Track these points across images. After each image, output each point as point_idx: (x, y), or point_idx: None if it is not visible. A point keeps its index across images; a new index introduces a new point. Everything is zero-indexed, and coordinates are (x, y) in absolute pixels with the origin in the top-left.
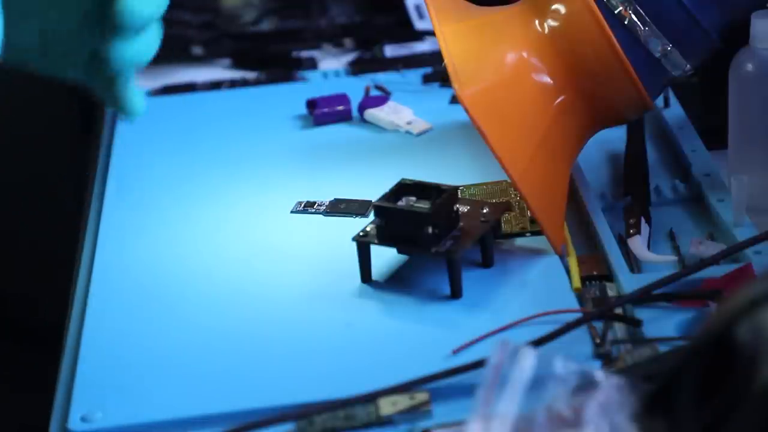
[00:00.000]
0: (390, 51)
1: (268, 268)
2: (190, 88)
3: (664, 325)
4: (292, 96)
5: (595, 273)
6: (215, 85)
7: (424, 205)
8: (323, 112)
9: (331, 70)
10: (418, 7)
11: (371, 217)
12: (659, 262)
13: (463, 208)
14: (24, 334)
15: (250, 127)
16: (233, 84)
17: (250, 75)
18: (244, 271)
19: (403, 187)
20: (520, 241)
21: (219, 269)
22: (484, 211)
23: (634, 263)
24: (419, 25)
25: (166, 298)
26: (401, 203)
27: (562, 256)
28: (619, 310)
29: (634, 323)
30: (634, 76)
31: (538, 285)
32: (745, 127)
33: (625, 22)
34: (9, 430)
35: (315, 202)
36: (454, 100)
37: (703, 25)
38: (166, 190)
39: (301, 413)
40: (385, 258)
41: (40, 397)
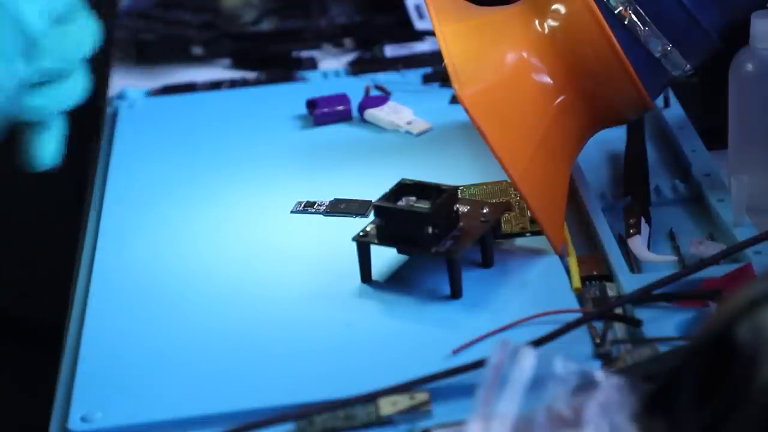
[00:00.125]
0: (390, 51)
1: (268, 268)
2: (190, 88)
3: (664, 325)
4: (292, 96)
5: (595, 273)
6: (215, 85)
7: (424, 205)
8: (323, 112)
9: (331, 70)
10: (418, 7)
11: (371, 217)
12: (659, 262)
13: (463, 208)
14: (24, 334)
15: (250, 127)
16: (233, 84)
17: (250, 75)
18: (244, 271)
19: (403, 187)
20: (520, 241)
21: (219, 269)
22: (484, 211)
23: (634, 263)
24: (419, 25)
25: (166, 298)
26: (401, 203)
27: (562, 256)
28: (619, 310)
29: (634, 323)
30: (634, 76)
31: (538, 285)
32: (745, 127)
33: (625, 22)
34: (9, 430)
35: (315, 202)
36: (454, 100)
37: (703, 25)
38: (165, 189)
39: (301, 413)
40: (385, 258)
41: (40, 397)
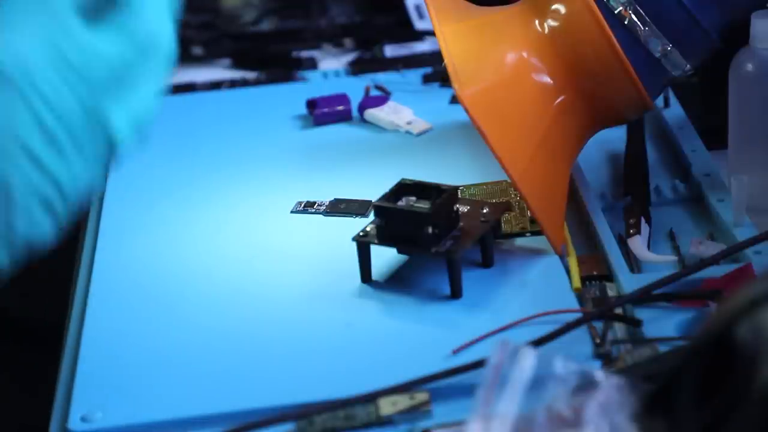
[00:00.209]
0: (390, 51)
1: (268, 268)
2: (190, 88)
3: (664, 325)
4: (292, 96)
5: (595, 273)
6: (215, 85)
7: (424, 205)
8: (323, 112)
9: (331, 70)
10: (418, 7)
11: (371, 217)
12: (659, 262)
13: (463, 208)
14: (24, 334)
15: (250, 127)
16: (233, 84)
17: (250, 75)
18: (244, 271)
19: (403, 187)
20: (520, 241)
21: (219, 269)
22: (484, 211)
23: (634, 263)
24: (419, 25)
25: (166, 298)
26: (401, 203)
27: (562, 256)
28: (619, 310)
29: (634, 323)
30: (634, 76)
31: (538, 285)
32: (745, 127)
33: (625, 22)
34: (9, 430)
35: (315, 202)
36: (454, 100)
37: (703, 25)
38: (165, 189)
39: (301, 413)
40: (385, 258)
41: (40, 397)
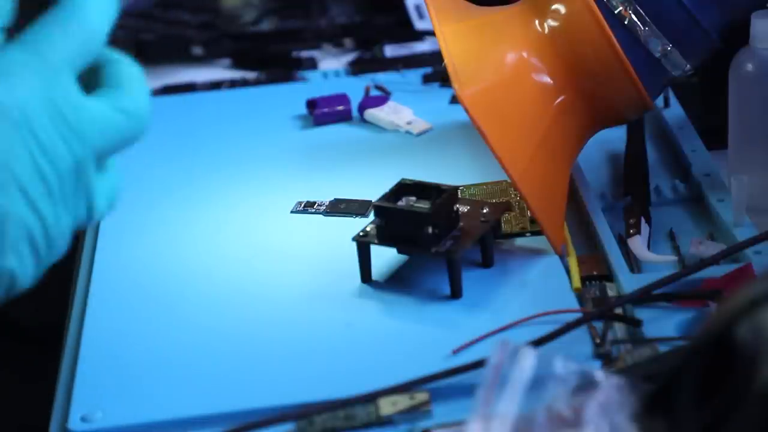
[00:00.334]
0: (390, 51)
1: (268, 268)
2: (190, 88)
3: (664, 325)
4: (292, 96)
5: (595, 273)
6: (215, 85)
7: (424, 205)
8: (323, 112)
9: (331, 70)
10: (418, 7)
11: (371, 217)
12: (659, 262)
13: (463, 208)
14: (24, 334)
15: (250, 127)
16: (233, 84)
17: (250, 75)
18: (244, 271)
19: (403, 187)
20: (520, 241)
21: (219, 269)
22: (484, 211)
23: (634, 263)
24: (419, 25)
25: (166, 298)
26: (401, 203)
27: (562, 256)
28: (619, 310)
29: (634, 323)
30: (634, 76)
31: (538, 285)
32: (745, 127)
33: (625, 22)
34: (9, 429)
35: (315, 202)
36: (454, 100)
37: (703, 25)
38: (165, 189)
39: (301, 413)
40: (385, 258)
41: (40, 398)
